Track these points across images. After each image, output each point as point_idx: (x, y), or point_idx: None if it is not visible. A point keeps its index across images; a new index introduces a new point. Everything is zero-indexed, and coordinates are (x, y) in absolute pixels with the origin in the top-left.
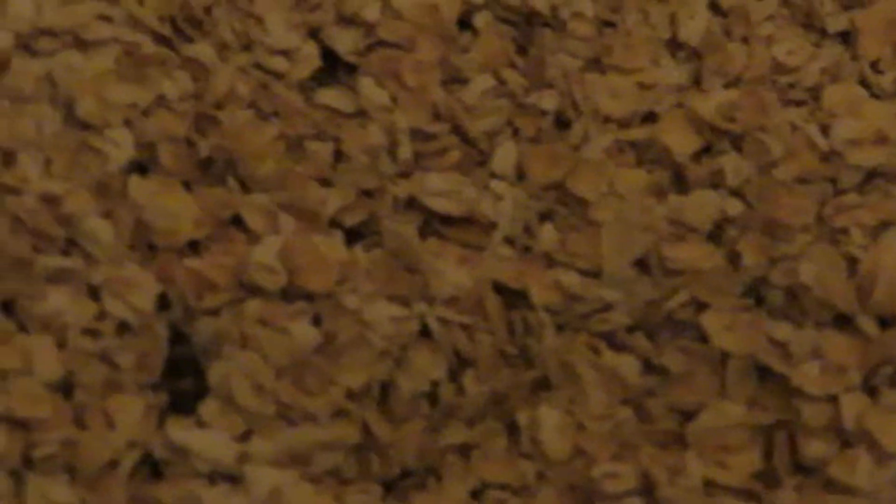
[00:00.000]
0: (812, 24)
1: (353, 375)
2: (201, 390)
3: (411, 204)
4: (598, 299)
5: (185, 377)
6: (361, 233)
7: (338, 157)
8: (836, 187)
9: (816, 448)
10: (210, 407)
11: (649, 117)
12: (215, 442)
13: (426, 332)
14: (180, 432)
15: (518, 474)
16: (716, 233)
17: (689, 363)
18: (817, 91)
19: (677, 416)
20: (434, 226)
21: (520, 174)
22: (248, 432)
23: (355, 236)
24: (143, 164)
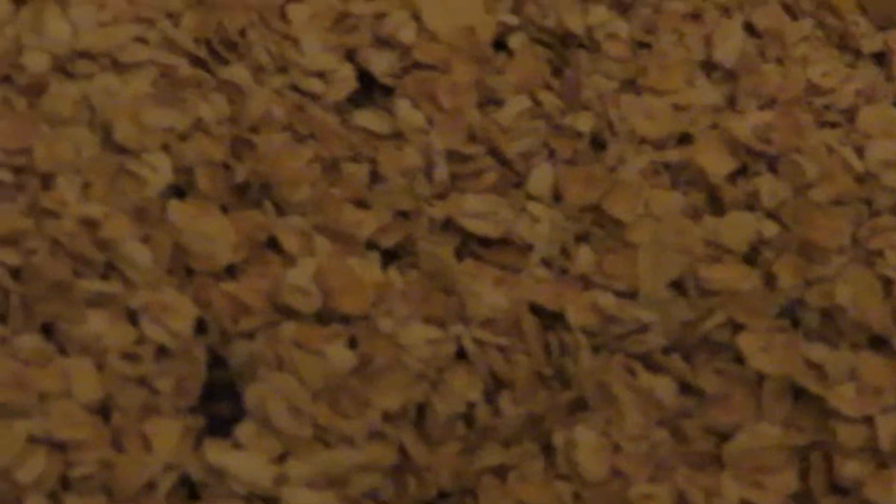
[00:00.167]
0: (847, 46)
1: (389, 397)
2: (238, 413)
3: (447, 225)
4: (635, 320)
5: (221, 400)
6: (398, 254)
7: (374, 179)
8: (871, 209)
9: (852, 469)
10: (247, 429)
11: (684, 138)
12: (252, 464)
13: (462, 354)
14: (217, 454)
15: (554, 496)
16: (751, 254)
17: (726, 384)
18: (852, 112)
19: (713, 438)
20: (471, 247)
21: (556, 195)
22: (285, 454)
23: (392, 258)
24: (180, 188)
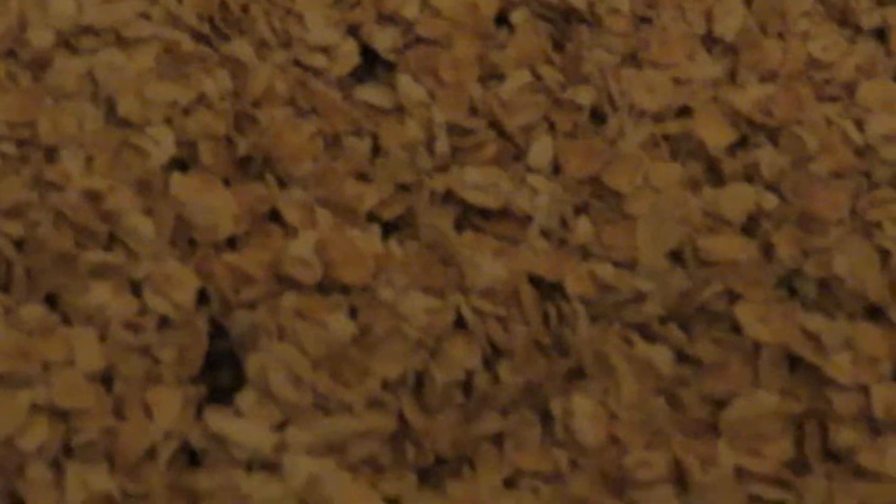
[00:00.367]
0: (847, 21)
1: (388, 366)
2: (239, 382)
3: (448, 198)
4: (633, 290)
5: (223, 369)
6: (398, 226)
7: (375, 153)
8: (869, 181)
9: (847, 437)
10: (247, 398)
11: (684, 111)
12: (253, 431)
13: (461, 324)
14: (219, 422)
15: (551, 462)
16: (750, 225)
17: (722, 353)
18: (852, 87)
19: (709, 406)
20: (470, 219)
21: (556, 168)
22: (285, 422)
23: (392, 230)
24: (183, 161)
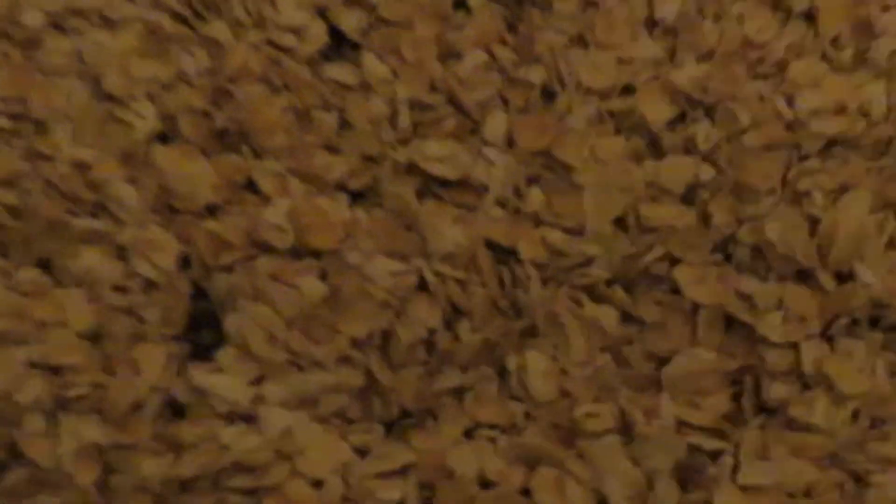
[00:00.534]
0: (779, 5)
1: (356, 325)
2: (219, 340)
3: (410, 169)
4: (581, 255)
5: (204, 328)
6: (364, 195)
7: (343, 126)
8: (799, 153)
9: (779, 390)
10: (227, 354)
11: (628, 89)
12: (232, 385)
13: (423, 286)
14: (201, 377)
15: (507, 415)
16: (689, 194)
17: (664, 313)
18: (783, 65)
19: (652, 362)
20: (431, 188)
21: (510, 141)
22: (262, 377)
23: (359, 198)
24: (164, 134)
